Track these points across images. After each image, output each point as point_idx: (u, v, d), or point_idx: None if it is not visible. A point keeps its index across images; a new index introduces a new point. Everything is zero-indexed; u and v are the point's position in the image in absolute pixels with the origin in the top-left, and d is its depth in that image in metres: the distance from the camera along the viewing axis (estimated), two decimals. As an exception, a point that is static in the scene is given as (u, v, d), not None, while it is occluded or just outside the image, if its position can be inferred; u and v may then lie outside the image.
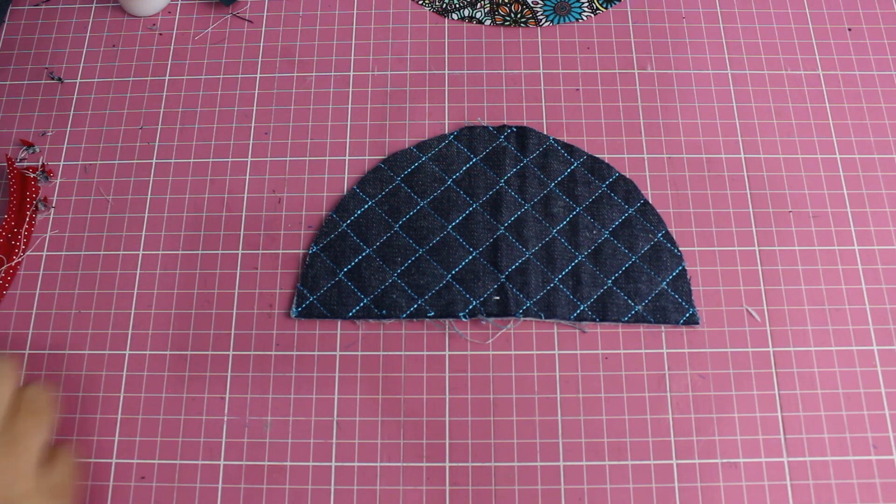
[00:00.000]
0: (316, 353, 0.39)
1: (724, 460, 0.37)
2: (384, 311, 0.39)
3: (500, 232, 0.41)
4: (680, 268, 0.40)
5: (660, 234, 0.41)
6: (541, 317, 0.39)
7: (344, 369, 0.39)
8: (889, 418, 0.37)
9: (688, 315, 0.39)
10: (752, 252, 0.41)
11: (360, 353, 0.39)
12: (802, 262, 0.41)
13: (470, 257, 0.40)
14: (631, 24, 0.46)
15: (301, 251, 0.41)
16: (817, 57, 0.46)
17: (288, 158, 0.44)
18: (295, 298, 0.40)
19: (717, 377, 0.38)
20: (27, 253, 0.42)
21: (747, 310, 0.40)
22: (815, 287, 0.40)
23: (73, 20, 0.48)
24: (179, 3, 0.48)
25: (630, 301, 0.39)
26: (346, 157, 0.43)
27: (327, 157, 0.43)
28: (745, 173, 0.43)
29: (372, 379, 0.39)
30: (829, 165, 0.43)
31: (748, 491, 0.36)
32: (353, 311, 0.40)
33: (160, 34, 0.48)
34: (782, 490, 0.36)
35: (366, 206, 0.42)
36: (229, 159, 0.44)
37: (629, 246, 0.41)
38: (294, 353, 0.39)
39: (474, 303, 0.39)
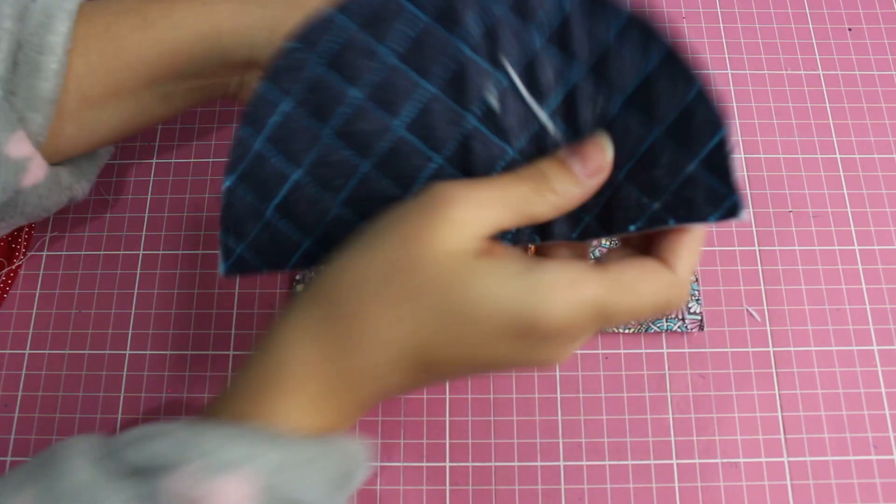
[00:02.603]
0: (316, 353, 0.39)
1: (725, 460, 0.37)
2: None
3: (470, 125, 0.27)
4: (719, 136, 0.26)
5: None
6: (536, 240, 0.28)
7: (344, 369, 0.39)
8: (889, 418, 0.37)
9: (728, 204, 0.25)
10: (753, 252, 0.41)
11: (360, 353, 0.39)
12: (803, 262, 0.41)
13: (433, 166, 0.27)
14: (631, 25, 0.46)
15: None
16: (817, 57, 0.46)
17: (288, 158, 0.43)
18: (220, 251, 0.29)
19: (717, 377, 0.38)
20: (28, 253, 0.42)
21: (748, 310, 0.40)
22: (815, 287, 0.40)
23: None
24: (180, 3, 0.48)
25: (644, 199, 0.27)
26: (347, 157, 0.43)
27: (327, 157, 0.43)
28: (745, 173, 0.43)
29: (372, 379, 0.39)
30: (829, 165, 0.43)
31: (748, 491, 0.36)
32: (295, 258, 0.29)
33: (160, 34, 0.47)
34: (783, 490, 0.36)
35: (281, 110, 0.28)
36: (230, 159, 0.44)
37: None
38: (294, 353, 0.39)
39: None
